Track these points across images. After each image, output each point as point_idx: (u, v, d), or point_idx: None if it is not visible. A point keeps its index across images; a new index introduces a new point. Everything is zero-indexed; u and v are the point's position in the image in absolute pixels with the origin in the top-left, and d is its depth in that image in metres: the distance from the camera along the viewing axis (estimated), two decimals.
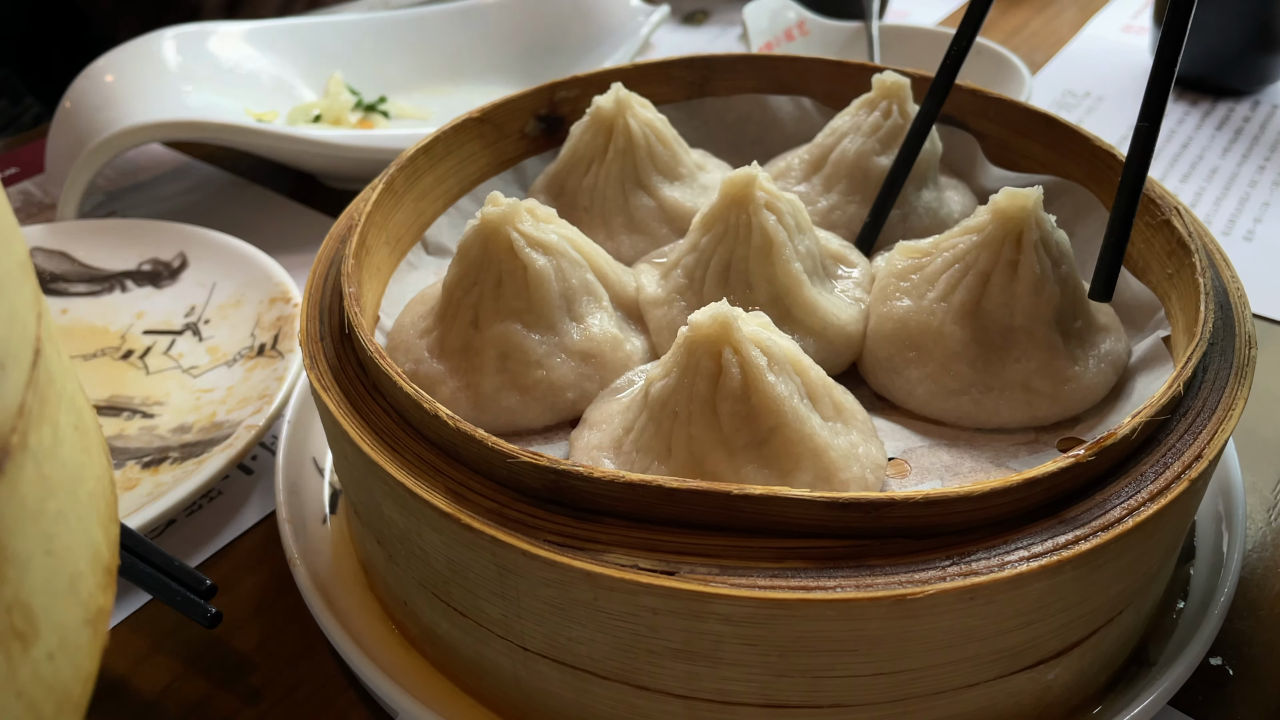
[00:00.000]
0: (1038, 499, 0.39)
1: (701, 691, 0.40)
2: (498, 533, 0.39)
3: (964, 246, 0.51)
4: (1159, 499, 0.40)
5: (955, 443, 0.50)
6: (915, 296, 0.52)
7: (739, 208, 0.52)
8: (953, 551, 0.38)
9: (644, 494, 0.39)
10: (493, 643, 0.44)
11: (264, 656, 0.53)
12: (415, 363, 0.52)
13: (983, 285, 0.50)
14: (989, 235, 0.50)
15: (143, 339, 0.74)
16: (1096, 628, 0.42)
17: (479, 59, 1.09)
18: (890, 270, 0.54)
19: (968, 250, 0.51)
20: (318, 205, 0.94)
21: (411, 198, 0.60)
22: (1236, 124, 1.01)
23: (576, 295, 0.52)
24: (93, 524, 0.27)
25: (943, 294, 0.51)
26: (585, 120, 0.62)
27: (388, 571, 0.48)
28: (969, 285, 0.50)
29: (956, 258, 0.51)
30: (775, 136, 0.71)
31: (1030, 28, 1.24)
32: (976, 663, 0.40)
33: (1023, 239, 0.50)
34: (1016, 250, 0.50)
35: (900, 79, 0.61)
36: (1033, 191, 0.49)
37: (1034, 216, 0.49)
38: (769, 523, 0.39)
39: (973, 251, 0.50)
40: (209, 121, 0.83)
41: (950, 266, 0.51)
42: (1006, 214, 0.50)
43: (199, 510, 0.62)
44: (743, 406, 0.43)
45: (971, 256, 0.50)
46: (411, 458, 0.43)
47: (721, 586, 0.37)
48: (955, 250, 0.51)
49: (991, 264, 0.50)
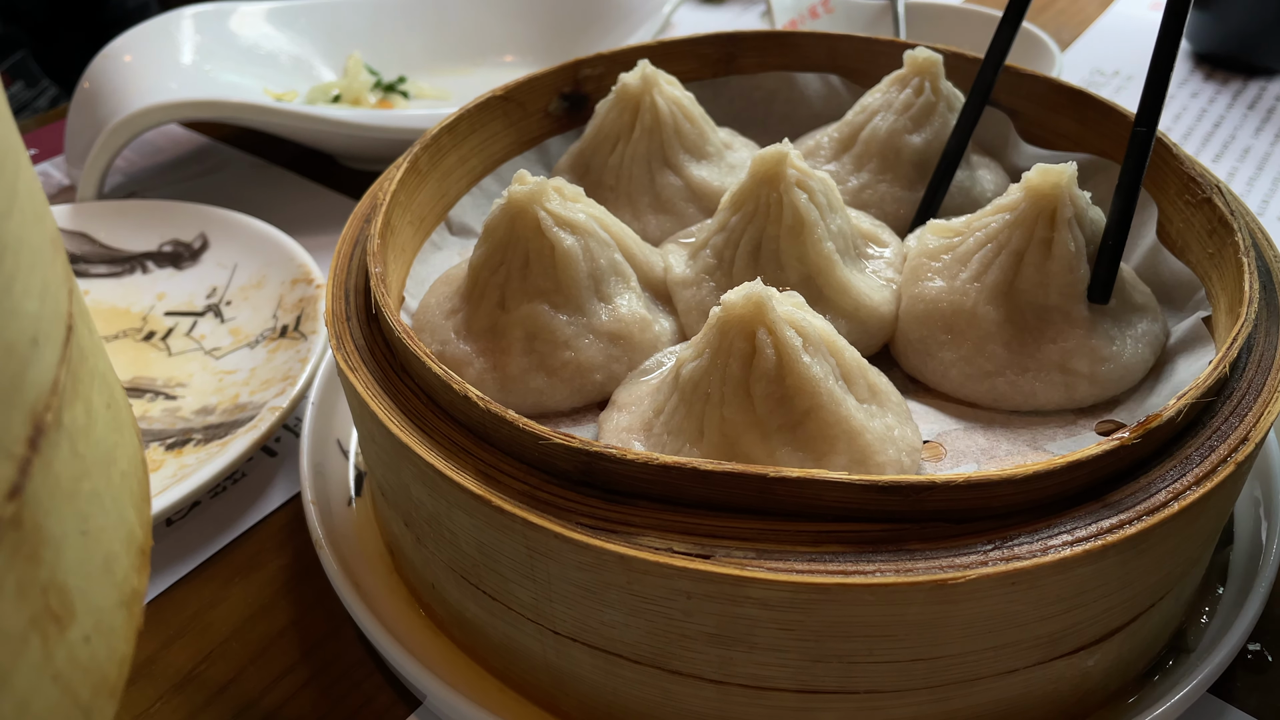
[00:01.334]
0: (1080, 482, 0.39)
1: (735, 676, 0.40)
2: (529, 515, 0.38)
3: (996, 225, 0.50)
4: (1205, 483, 0.39)
5: (991, 425, 0.49)
6: (947, 277, 0.51)
7: (769, 186, 0.51)
8: (994, 535, 0.37)
9: (678, 476, 0.38)
10: (522, 626, 0.43)
11: (290, 639, 0.52)
12: (441, 344, 0.51)
13: (1016, 264, 0.49)
14: (1022, 213, 0.49)
15: (164, 320, 0.74)
16: (1138, 614, 0.42)
17: (498, 39, 1.08)
18: (922, 250, 0.53)
19: (1000, 229, 0.50)
20: (337, 186, 0.94)
21: (435, 177, 0.60)
22: (1269, 103, 0.99)
23: (604, 275, 0.51)
24: (126, 504, 0.26)
25: (976, 274, 0.50)
26: (611, 98, 0.61)
27: (415, 554, 0.48)
28: (1002, 265, 0.49)
29: (989, 237, 0.50)
30: (803, 114, 0.70)
31: (1057, 5, 1.22)
32: (1016, 649, 0.39)
33: (1056, 216, 0.49)
34: (1050, 228, 0.49)
35: (933, 55, 0.60)
36: (1066, 167, 0.48)
37: (1067, 193, 0.48)
38: (805, 506, 0.38)
39: (1005, 230, 0.49)
40: (228, 101, 0.82)
41: (983, 246, 0.50)
42: (1039, 191, 0.49)
43: (223, 492, 0.62)
44: (777, 388, 0.43)
45: (1005, 235, 0.49)
46: (441, 439, 0.42)
47: (758, 570, 0.36)
48: (988, 229, 0.50)
49: (1025, 242, 0.49)
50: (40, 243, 0.24)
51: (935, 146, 0.59)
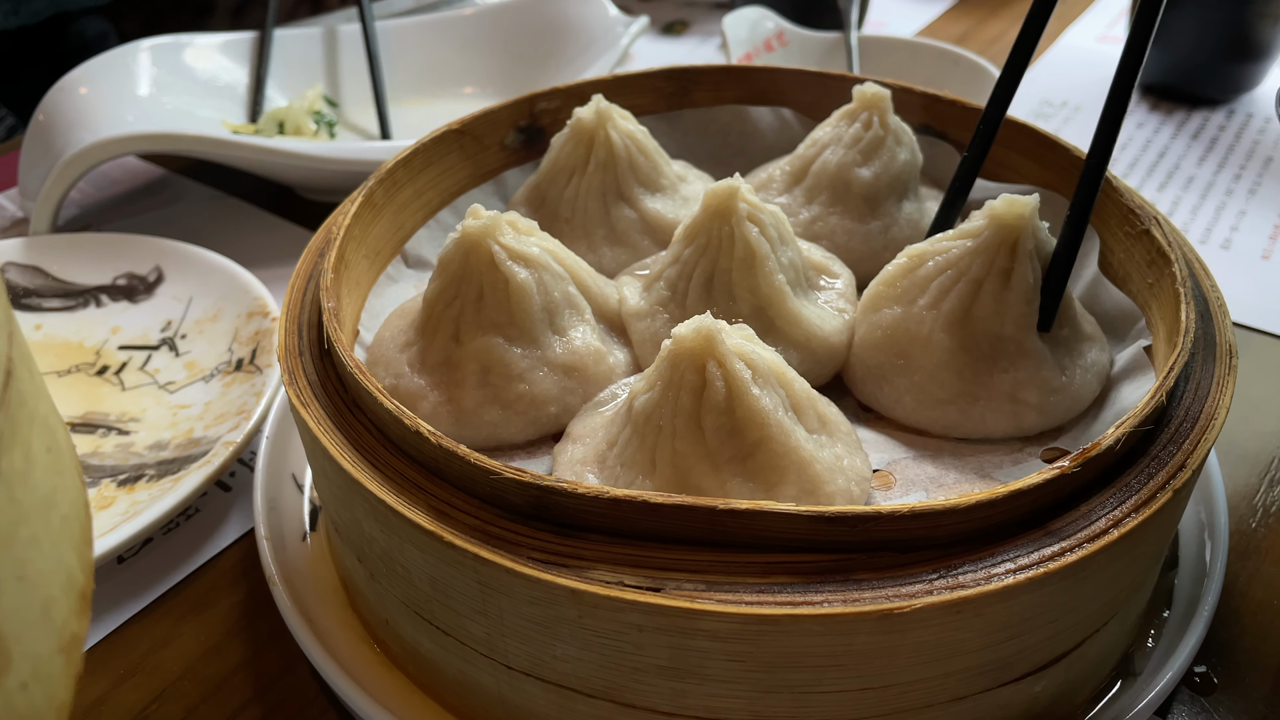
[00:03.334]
0: (1024, 511, 0.39)
1: (688, 709, 0.40)
2: (481, 550, 0.38)
3: (957, 252, 0.50)
4: (1144, 509, 0.40)
5: (940, 454, 0.50)
6: (905, 303, 0.51)
7: (721, 219, 0.51)
8: (939, 564, 0.38)
9: (628, 510, 0.38)
10: (476, 661, 0.43)
11: (244, 677, 0.52)
12: (396, 377, 0.51)
13: (974, 293, 0.50)
14: (985, 241, 0.50)
15: (118, 354, 0.73)
16: (1083, 639, 0.42)
17: (458, 71, 1.08)
18: (880, 277, 0.53)
19: (961, 256, 0.50)
20: (295, 218, 0.93)
21: (391, 210, 0.60)
22: (1212, 133, 1.02)
23: (559, 308, 0.52)
24: (66, 548, 0.26)
25: (933, 300, 0.51)
26: (566, 132, 0.62)
27: (369, 590, 0.48)
28: (960, 293, 0.50)
29: (949, 263, 0.51)
30: (756, 147, 0.71)
31: (1007, 38, 1.25)
32: (964, 676, 0.40)
33: (1018, 247, 0.49)
34: (1011, 258, 0.50)
35: (881, 90, 0.61)
36: (1030, 200, 0.49)
37: (1030, 225, 0.49)
38: (755, 537, 0.38)
39: (966, 257, 0.50)
40: (185, 134, 0.82)
41: (943, 272, 0.51)
42: (1003, 221, 0.49)
43: (175, 528, 0.61)
44: (727, 420, 0.43)
45: (965, 262, 0.50)
46: (393, 475, 0.42)
47: (708, 603, 0.36)
48: (948, 255, 0.51)
49: (984, 271, 0.49)
50: None
51: (884, 179, 0.60)
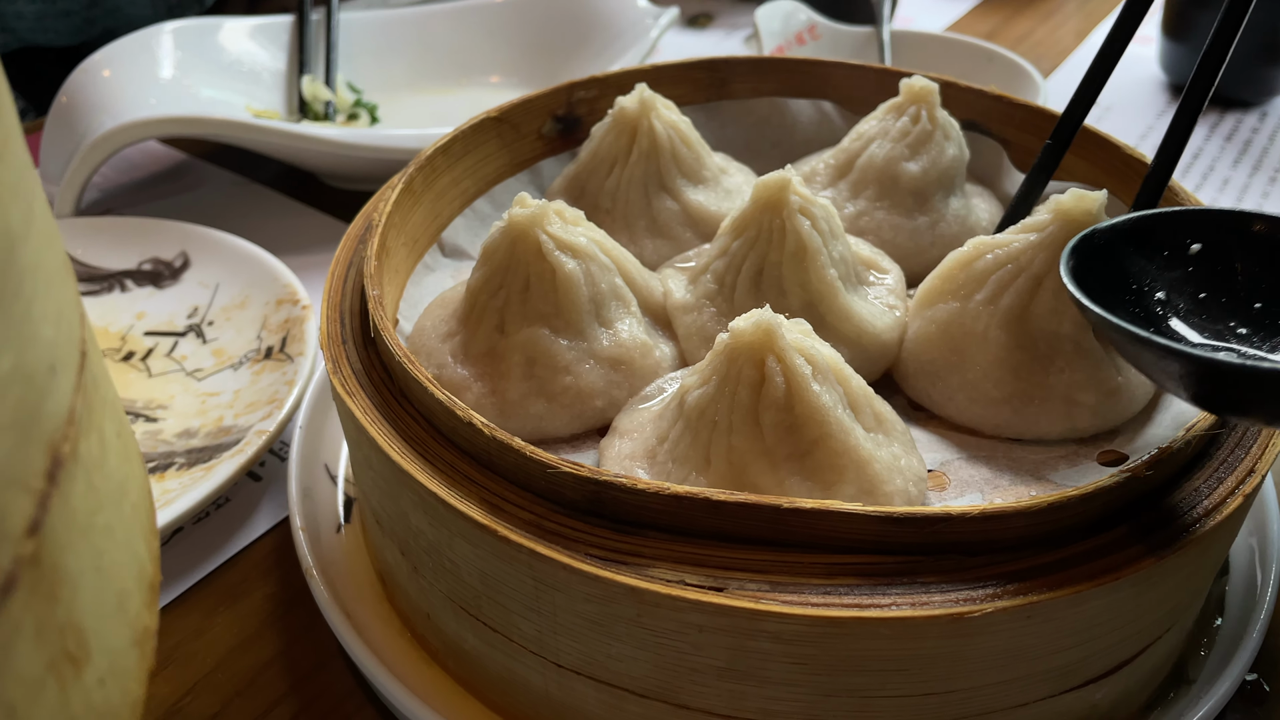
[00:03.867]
0: (1093, 514, 0.38)
1: (745, 711, 0.39)
2: (537, 546, 0.38)
3: (1019, 246, 0.49)
4: (1214, 515, 0.39)
5: (993, 455, 0.49)
6: (961, 298, 0.50)
7: (773, 212, 0.50)
8: (1009, 568, 0.37)
9: (690, 507, 0.37)
10: (524, 659, 0.42)
11: (278, 670, 0.51)
12: (438, 368, 0.50)
13: (1034, 289, 0.48)
14: (1050, 235, 0.48)
15: (144, 340, 0.72)
16: (1145, 646, 0.41)
17: (485, 59, 1.07)
18: (938, 271, 0.52)
19: (1023, 250, 0.49)
20: (320, 205, 0.92)
21: (429, 198, 0.59)
22: (1245, 135, 1.01)
23: (605, 300, 0.51)
24: (137, 538, 0.25)
25: (991, 296, 0.49)
26: (608, 121, 0.61)
27: (410, 584, 0.47)
28: (1019, 289, 0.48)
29: (1010, 257, 0.49)
30: (795, 140, 0.70)
31: (1035, 36, 1.24)
32: (1027, 682, 0.39)
33: None
34: None
35: (929, 84, 0.60)
36: (1098, 195, 0.48)
37: (1098, 221, 0.48)
38: (818, 537, 0.37)
39: (1029, 251, 0.49)
40: (212, 118, 0.81)
41: (1002, 266, 0.49)
42: (1070, 216, 0.48)
43: (206, 518, 0.60)
44: (786, 417, 0.42)
45: (1026, 257, 0.49)
46: (443, 467, 0.41)
47: (773, 604, 0.35)
48: (1009, 249, 0.49)
49: (1046, 267, 0.48)
50: (55, 266, 0.23)
51: (932, 174, 0.59)
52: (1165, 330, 0.41)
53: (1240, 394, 0.35)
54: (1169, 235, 0.43)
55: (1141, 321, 0.40)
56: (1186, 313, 0.41)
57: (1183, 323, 0.41)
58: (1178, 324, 0.41)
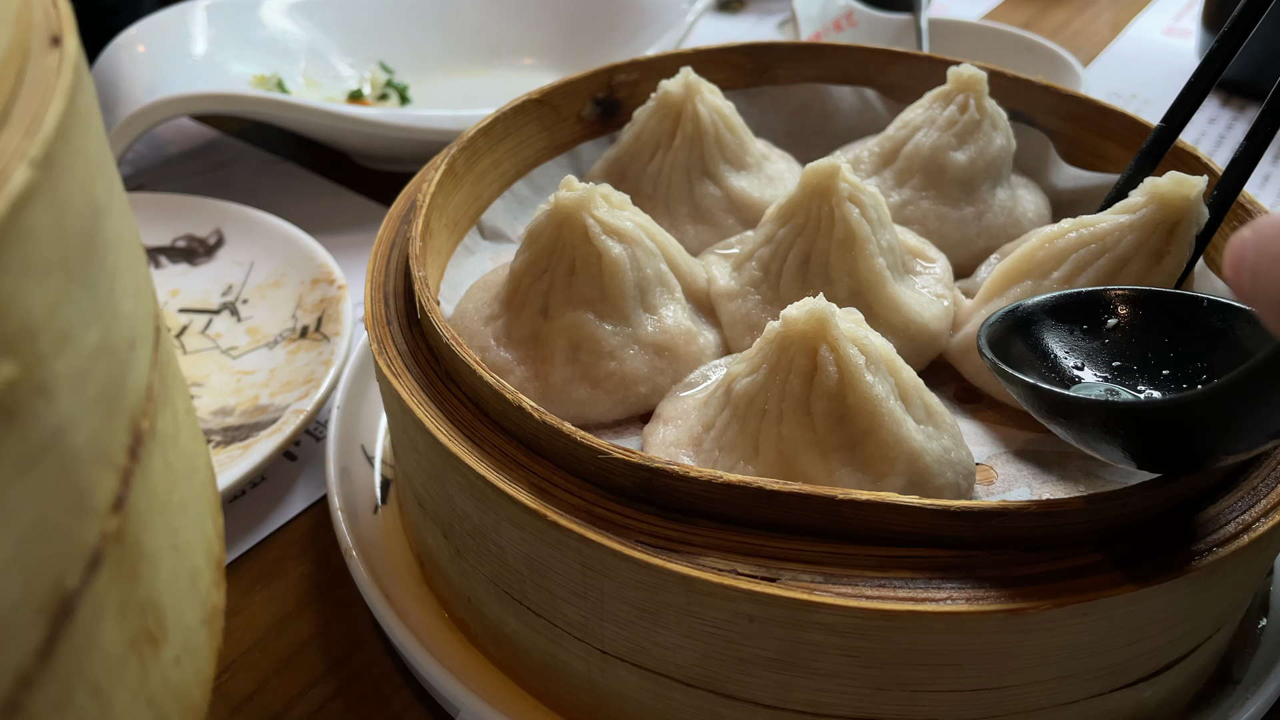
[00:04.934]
0: (1151, 511, 0.38)
1: (792, 703, 0.38)
2: (587, 531, 0.37)
3: (1106, 226, 0.48)
4: (1272, 514, 0.38)
5: (1040, 449, 0.48)
6: (1037, 276, 0.49)
7: (821, 199, 0.50)
8: (1066, 564, 0.36)
9: (743, 496, 0.37)
10: (568, 644, 0.42)
11: (316, 650, 0.51)
12: (480, 350, 0.50)
13: (1116, 271, 0.47)
14: (1144, 218, 0.47)
15: (178, 317, 0.72)
16: (1197, 645, 0.41)
17: (518, 41, 1.06)
18: (1016, 253, 0.51)
19: (1110, 230, 0.48)
20: (352, 184, 0.92)
21: (470, 180, 0.59)
22: None
23: (650, 285, 0.50)
24: (206, 515, 0.25)
25: (1068, 275, 0.48)
26: (652, 104, 0.60)
27: (451, 567, 0.46)
28: (1101, 269, 0.47)
29: (1095, 237, 0.48)
30: (837, 128, 0.69)
31: (1071, 27, 1.22)
32: (1080, 679, 0.38)
33: (1178, 230, 0.47)
34: (1167, 241, 0.47)
35: (978, 72, 0.59)
36: (1199, 181, 0.46)
37: (1196, 209, 0.47)
38: (872, 529, 0.37)
39: (1116, 233, 0.47)
40: (250, 95, 0.80)
41: (1085, 245, 0.48)
42: (1167, 200, 0.46)
43: (242, 497, 0.60)
44: (838, 406, 0.42)
45: (1114, 237, 0.47)
46: (491, 450, 0.41)
47: (826, 595, 0.35)
48: (1095, 229, 0.48)
49: (1134, 250, 0.47)
50: (131, 239, 0.23)
51: (980, 164, 0.58)
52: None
53: (1130, 432, 0.36)
54: (1085, 312, 0.45)
55: (1054, 384, 0.43)
56: (1102, 378, 0.44)
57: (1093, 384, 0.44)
58: (1088, 385, 0.43)
